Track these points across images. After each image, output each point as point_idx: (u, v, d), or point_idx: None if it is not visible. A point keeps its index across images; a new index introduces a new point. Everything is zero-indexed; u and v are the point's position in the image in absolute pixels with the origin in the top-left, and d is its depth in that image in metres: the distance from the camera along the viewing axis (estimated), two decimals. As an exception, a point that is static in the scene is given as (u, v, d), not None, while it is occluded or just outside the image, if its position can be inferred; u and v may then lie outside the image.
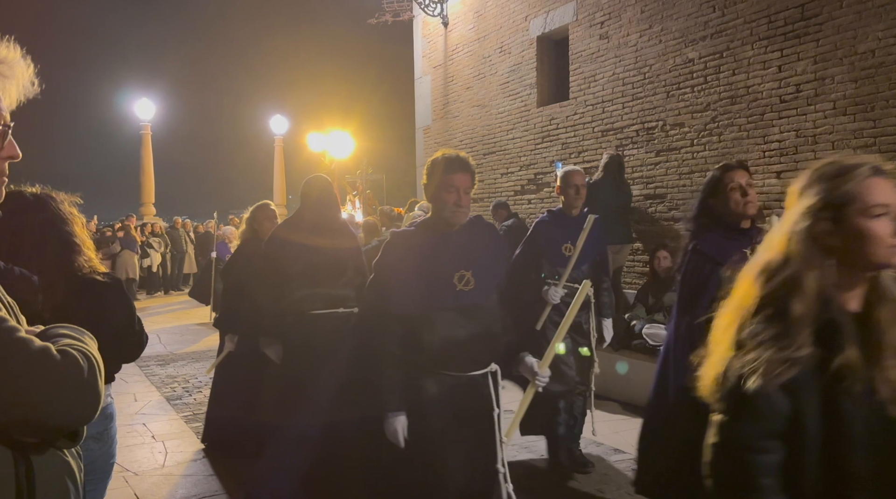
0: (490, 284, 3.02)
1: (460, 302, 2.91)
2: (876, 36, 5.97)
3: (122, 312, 2.66)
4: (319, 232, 4.25)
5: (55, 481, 1.31)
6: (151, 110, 23.77)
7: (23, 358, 1.19)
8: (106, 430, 2.68)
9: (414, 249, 2.97)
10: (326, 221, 4.28)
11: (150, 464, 5.24)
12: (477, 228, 3.11)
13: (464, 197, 2.92)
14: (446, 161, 2.94)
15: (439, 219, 2.98)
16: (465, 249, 2.99)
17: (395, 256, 2.99)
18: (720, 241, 3.35)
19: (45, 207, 2.51)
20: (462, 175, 2.93)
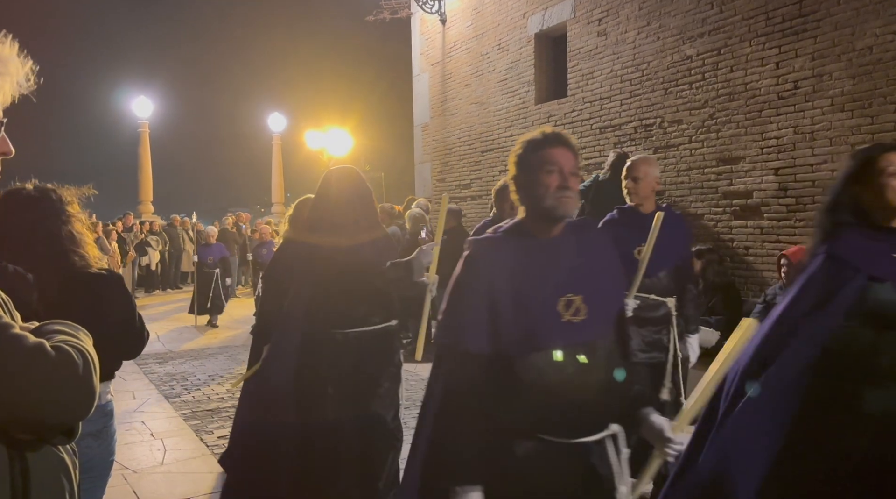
0: (608, 312, 2.26)
1: (568, 339, 2.13)
2: (874, 32, 5.97)
3: (122, 307, 2.65)
4: (338, 233, 3.68)
5: (50, 478, 1.31)
6: (149, 108, 23.76)
7: (17, 355, 1.19)
8: (105, 427, 2.67)
9: (501, 264, 2.17)
10: (349, 220, 3.68)
11: (148, 462, 5.24)
12: (586, 234, 2.33)
13: (571, 180, 2.22)
14: (540, 136, 2.31)
15: (537, 216, 2.23)
16: (573, 263, 2.22)
17: (476, 274, 2.18)
18: (864, 242, 2.64)
19: (37, 205, 2.50)
20: (563, 151, 2.27)
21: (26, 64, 1.36)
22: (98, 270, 2.57)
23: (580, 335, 2.14)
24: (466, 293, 2.19)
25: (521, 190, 2.27)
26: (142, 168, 23.42)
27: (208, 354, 9.64)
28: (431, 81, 12.92)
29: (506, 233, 2.29)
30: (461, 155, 12.09)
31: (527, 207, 2.26)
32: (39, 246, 2.44)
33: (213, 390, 7.42)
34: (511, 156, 2.35)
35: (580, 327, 2.14)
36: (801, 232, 6.53)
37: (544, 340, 2.11)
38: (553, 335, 2.11)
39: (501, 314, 2.11)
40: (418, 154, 13.50)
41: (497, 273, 2.15)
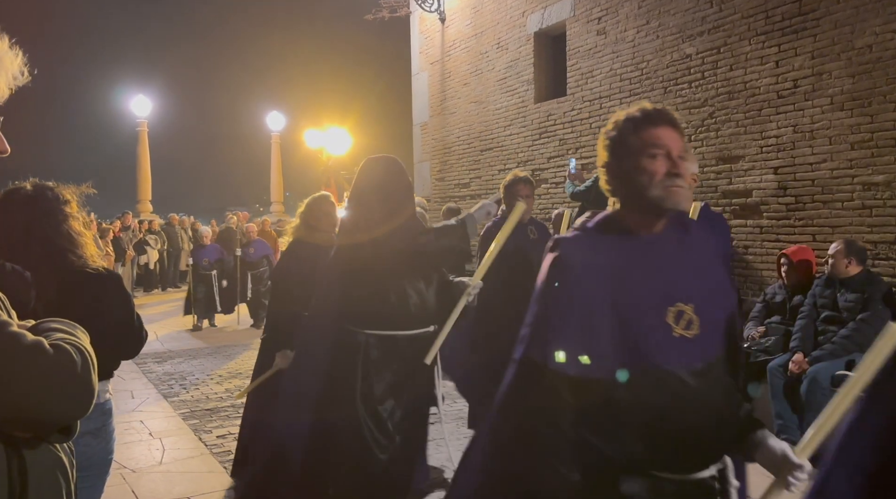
0: (720, 323, 1.91)
1: (682, 357, 1.79)
2: (873, 31, 5.96)
3: (120, 306, 2.65)
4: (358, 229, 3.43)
5: (47, 476, 1.31)
6: (148, 107, 23.76)
7: (15, 353, 1.19)
8: (104, 426, 2.67)
9: (599, 267, 1.83)
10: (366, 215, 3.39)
11: (147, 461, 5.23)
12: (687, 229, 1.97)
13: (681, 165, 1.87)
14: (640, 113, 1.96)
15: (638, 210, 1.88)
16: (679, 265, 1.89)
17: (570, 279, 1.83)
18: None
19: (34, 204, 2.50)
20: (669, 131, 1.92)
21: (17, 57, 1.36)
22: (96, 270, 2.57)
23: (695, 353, 1.79)
24: (558, 302, 1.82)
25: (615, 179, 1.92)
26: (140, 167, 23.42)
27: (207, 353, 9.63)
28: (430, 80, 12.91)
29: (597, 230, 1.91)
30: (460, 154, 12.08)
31: (625, 199, 1.90)
32: (36, 245, 2.44)
33: (211, 390, 7.41)
34: (601, 138, 2.00)
35: (694, 343, 1.79)
36: (801, 231, 6.53)
37: (654, 358, 1.76)
38: (664, 353, 1.76)
39: (601, 328, 1.77)
40: (417, 153, 13.49)
41: (594, 279, 1.80)
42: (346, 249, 3.48)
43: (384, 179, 3.38)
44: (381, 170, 3.43)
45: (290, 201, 39.69)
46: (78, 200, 2.64)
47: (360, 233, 3.35)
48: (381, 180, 3.39)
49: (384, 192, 3.37)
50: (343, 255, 3.45)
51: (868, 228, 5.97)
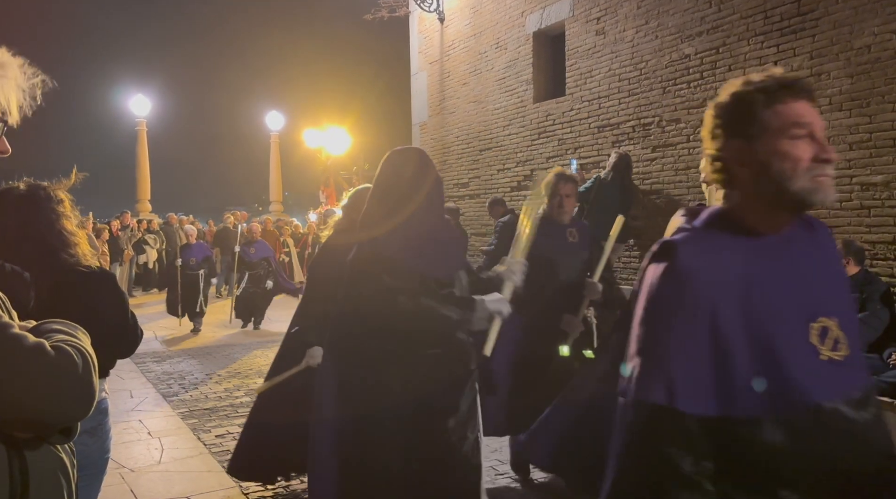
0: (859, 342, 1.55)
1: (836, 386, 1.43)
2: (872, 31, 5.97)
3: (115, 305, 2.65)
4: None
5: (48, 476, 1.31)
6: (147, 107, 23.75)
7: (17, 354, 1.19)
8: (100, 425, 2.67)
9: (725, 277, 1.45)
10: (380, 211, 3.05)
11: (146, 461, 5.23)
12: (815, 230, 1.65)
13: (830, 148, 1.52)
14: (775, 82, 1.50)
15: (769, 205, 1.51)
16: (815, 272, 1.54)
17: (691, 294, 1.45)
18: None
19: (26, 204, 2.50)
20: (809, 105, 1.52)
21: (33, 76, 1.38)
22: (89, 268, 2.57)
23: (848, 379, 1.44)
24: (680, 324, 1.44)
25: (739, 165, 1.52)
26: (139, 167, 23.41)
27: (206, 352, 9.63)
28: (429, 80, 12.91)
29: (713, 230, 1.54)
30: (459, 153, 12.08)
31: (750, 192, 1.51)
32: (29, 245, 2.44)
33: (210, 389, 7.41)
34: (714, 114, 1.60)
35: (845, 367, 1.44)
36: (799, 231, 6.53)
37: (801, 389, 1.39)
38: (815, 382, 1.40)
39: (732, 353, 1.40)
40: (416, 153, 13.49)
41: (723, 292, 1.43)
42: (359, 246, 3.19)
43: (387, 175, 3.00)
44: (385, 163, 3.04)
45: (289, 201, 39.72)
46: (71, 198, 2.64)
47: (361, 230, 3.06)
48: (384, 176, 3.01)
49: (381, 189, 3.02)
50: (356, 253, 3.06)
51: (866, 228, 5.97)
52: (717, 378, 1.40)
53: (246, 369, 8.40)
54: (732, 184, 1.55)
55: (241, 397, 7.01)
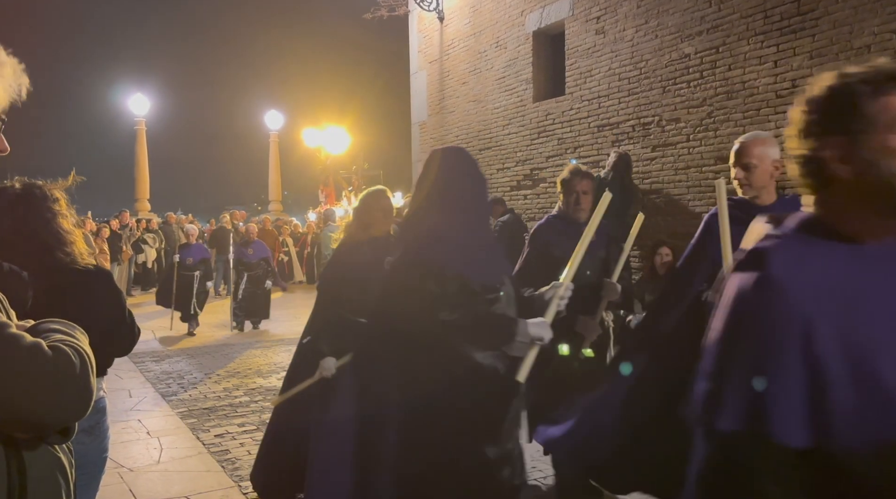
0: None
1: None
2: (871, 31, 5.97)
3: (111, 304, 2.65)
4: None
5: (46, 476, 1.31)
6: (146, 106, 23.74)
7: (14, 354, 1.19)
8: (98, 424, 2.67)
9: (822, 291, 1.29)
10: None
11: (144, 460, 5.23)
12: None
13: None
14: (881, 74, 1.38)
15: (871, 209, 1.34)
16: None
17: (784, 310, 1.28)
18: None
19: (22, 203, 2.49)
20: None
21: (22, 74, 1.37)
22: (85, 267, 2.56)
23: None
24: (769, 343, 1.27)
25: (840, 164, 1.34)
26: (138, 166, 23.41)
27: (205, 352, 9.62)
28: (429, 79, 12.90)
29: (806, 236, 1.37)
30: (459, 153, 12.07)
31: (853, 194, 1.34)
32: (25, 244, 2.43)
33: (209, 389, 7.41)
34: (806, 110, 1.45)
35: None
36: (799, 231, 6.53)
37: None
38: None
39: (831, 378, 1.24)
40: (416, 152, 13.49)
41: (820, 304, 1.26)
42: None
43: (431, 175, 2.79)
44: (430, 163, 2.82)
45: (288, 200, 39.71)
46: (68, 197, 2.64)
47: (402, 232, 2.95)
48: (429, 176, 2.81)
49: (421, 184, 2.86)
50: (398, 257, 2.83)
51: (866, 227, 5.98)
52: (812, 404, 1.23)
53: (245, 369, 8.40)
54: (828, 186, 1.37)
55: (239, 397, 7.00)
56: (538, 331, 2.64)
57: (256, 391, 7.23)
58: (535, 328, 2.64)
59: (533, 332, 2.62)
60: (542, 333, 2.65)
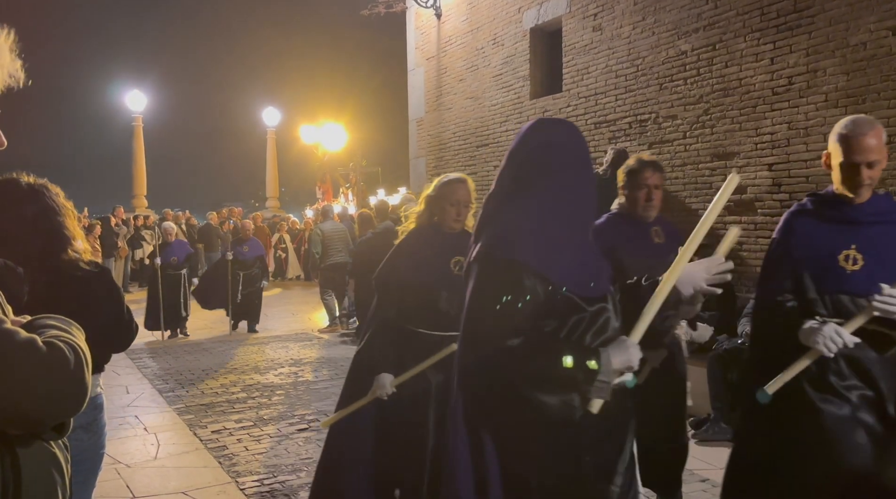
0: None
1: None
2: (868, 28, 5.98)
3: (111, 301, 2.66)
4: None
5: (41, 473, 1.31)
6: (143, 102, 23.69)
7: (8, 350, 1.19)
8: (95, 420, 2.67)
9: None
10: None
11: (142, 456, 5.24)
12: None
13: None
14: None
15: None
16: None
17: None
18: None
19: (38, 199, 2.50)
20: None
21: (17, 60, 1.37)
22: (87, 264, 2.58)
23: None
24: None
25: None
26: (135, 162, 23.38)
27: (202, 348, 9.63)
28: (426, 76, 12.90)
29: None
30: (456, 150, 12.08)
31: None
32: (39, 239, 2.45)
33: (207, 385, 7.41)
34: None
35: None
36: (795, 228, 6.54)
37: None
38: None
39: None
40: (413, 149, 13.49)
41: None
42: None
43: (529, 152, 2.21)
44: (529, 136, 2.23)
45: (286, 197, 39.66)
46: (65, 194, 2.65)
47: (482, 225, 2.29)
48: (525, 153, 2.22)
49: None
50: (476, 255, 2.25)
51: (862, 224, 5.99)
52: None
53: (242, 365, 8.41)
54: None
55: (237, 393, 7.01)
56: (625, 358, 2.02)
57: (254, 388, 7.24)
58: (622, 355, 2.02)
59: (618, 361, 2.01)
60: (631, 360, 2.03)
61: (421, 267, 3.29)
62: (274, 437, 5.61)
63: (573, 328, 2.04)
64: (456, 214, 3.36)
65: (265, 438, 5.59)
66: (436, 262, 3.30)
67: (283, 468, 4.91)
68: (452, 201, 3.35)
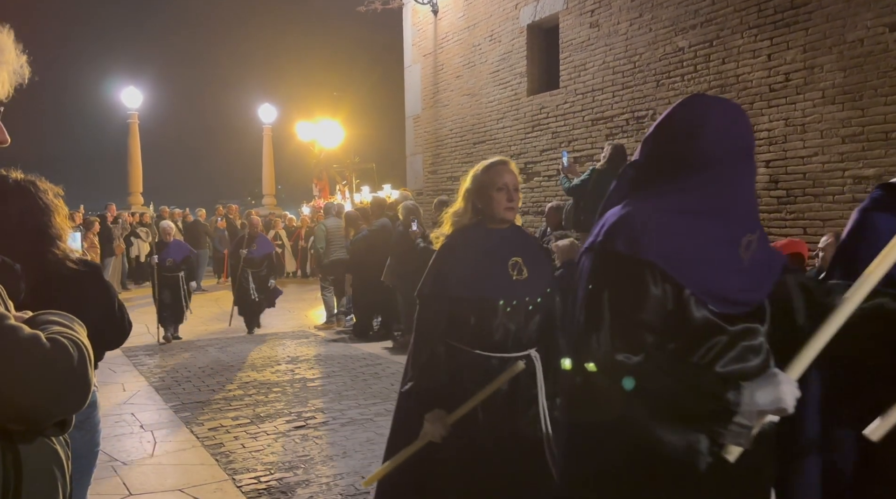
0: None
1: None
2: (865, 25, 5.98)
3: (101, 298, 2.65)
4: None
5: (42, 469, 1.31)
6: (139, 99, 23.59)
7: (11, 346, 1.18)
8: (89, 418, 2.66)
9: None
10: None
11: (138, 453, 5.22)
12: None
13: None
14: None
15: None
16: None
17: None
18: None
19: (25, 196, 2.48)
20: None
21: (21, 56, 1.37)
22: (76, 262, 2.57)
23: None
24: None
25: None
26: (131, 159, 23.29)
27: (198, 345, 9.61)
28: (423, 72, 12.88)
29: None
30: (453, 146, 12.07)
31: None
32: (27, 236, 2.43)
33: (203, 382, 7.40)
34: None
35: None
36: (792, 224, 6.55)
37: None
38: None
39: None
40: (410, 146, 13.47)
41: None
42: None
43: (676, 133, 1.83)
44: (680, 113, 1.88)
45: (282, 194, 39.61)
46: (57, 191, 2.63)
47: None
48: (671, 134, 1.85)
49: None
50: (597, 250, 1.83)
51: (858, 221, 6.00)
52: None
53: (238, 362, 8.39)
54: None
55: (233, 390, 7.00)
56: (773, 396, 1.56)
57: (250, 385, 7.22)
58: (768, 391, 1.56)
59: (763, 401, 1.56)
60: (784, 400, 1.56)
61: (472, 274, 2.75)
62: (271, 434, 5.60)
63: (703, 354, 1.63)
64: (507, 200, 2.82)
65: (262, 435, 5.58)
66: (489, 266, 2.77)
67: (280, 466, 4.91)
68: (500, 186, 2.82)
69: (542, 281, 2.82)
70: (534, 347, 2.76)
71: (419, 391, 2.76)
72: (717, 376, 1.60)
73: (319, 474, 4.71)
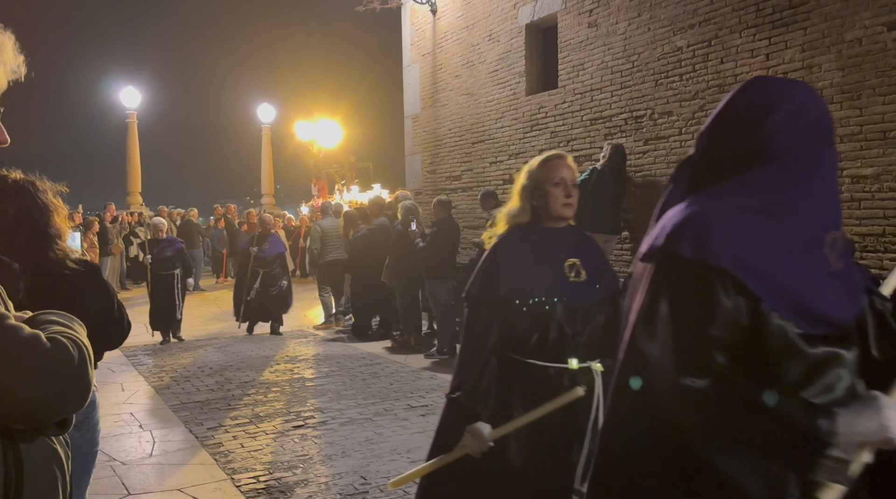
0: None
1: None
2: (863, 24, 5.98)
3: (100, 298, 2.65)
4: None
5: (43, 468, 1.31)
6: (137, 98, 23.58)
7: (12, 345, 1.19)
8: (87, 418, 2.67)
9: None
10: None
11: (137, 453, 5.22)
12: None
13: None
14: None
15: None
16: None
17: None
18: None
19: (22, 195, 2.48)
20: None
21: (19, 55, 1.37)
22: (75, 262, 2.57)
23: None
24: None
25: None
26: (130, 159, 23.28)
27: (197, 345, 9.61)
28: (422, 72, 12.88)
29: None
30: (452, 146, 12.07)
31: None
32: (23, 235, 2.43)
33: (202, 382, 7.40)
34: None
35: None
36: (790, 224, 6.56)
37: None
38: None
39: None
40: (409, 145, 13.47)
41: None
42: None
43: (742, 119, 1.62)
44: (747, 93, 1.65)
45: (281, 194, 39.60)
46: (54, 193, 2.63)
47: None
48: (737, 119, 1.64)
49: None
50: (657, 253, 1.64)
51: (856, 220, 6.00)
52: None
53: (237, 362, 8.39)
54: None
55: (232, 390, 7.00)
56: (875, 424, 1.34)
57: (249, 384, 7.23)
58: (868, 418, 1.34)
59: (864, 428, 1.33)
60: (885, 426, 1.33)
61: (524, 274, 2.59)
62: (270, 434, 5.61)
63: (780, 382, 1.39)
64: (565, 196, 2.64)
65: (261, 435, 5.59)
66: (544, 268, 2.60)
67: (279, 465, 4.91)
68: (556, 180, 2.64)
69: (601, 285, 2.64)
70: (595, 360, 2.54)
71: (463, 400, 2.60)
72: (804, 401, 1.35)
73: (318, 474, 4.72)
